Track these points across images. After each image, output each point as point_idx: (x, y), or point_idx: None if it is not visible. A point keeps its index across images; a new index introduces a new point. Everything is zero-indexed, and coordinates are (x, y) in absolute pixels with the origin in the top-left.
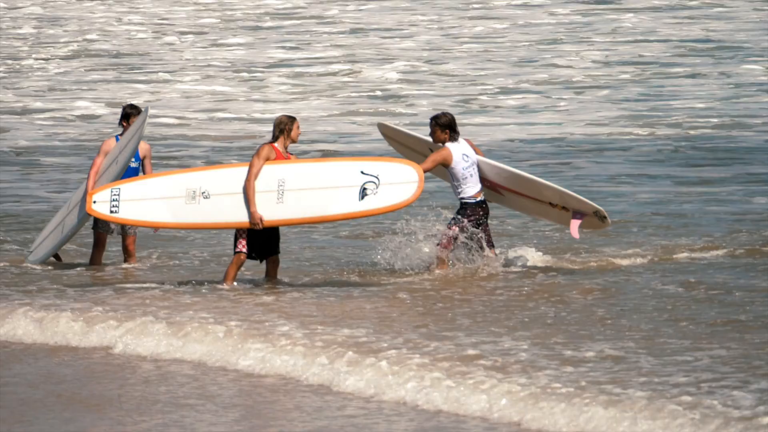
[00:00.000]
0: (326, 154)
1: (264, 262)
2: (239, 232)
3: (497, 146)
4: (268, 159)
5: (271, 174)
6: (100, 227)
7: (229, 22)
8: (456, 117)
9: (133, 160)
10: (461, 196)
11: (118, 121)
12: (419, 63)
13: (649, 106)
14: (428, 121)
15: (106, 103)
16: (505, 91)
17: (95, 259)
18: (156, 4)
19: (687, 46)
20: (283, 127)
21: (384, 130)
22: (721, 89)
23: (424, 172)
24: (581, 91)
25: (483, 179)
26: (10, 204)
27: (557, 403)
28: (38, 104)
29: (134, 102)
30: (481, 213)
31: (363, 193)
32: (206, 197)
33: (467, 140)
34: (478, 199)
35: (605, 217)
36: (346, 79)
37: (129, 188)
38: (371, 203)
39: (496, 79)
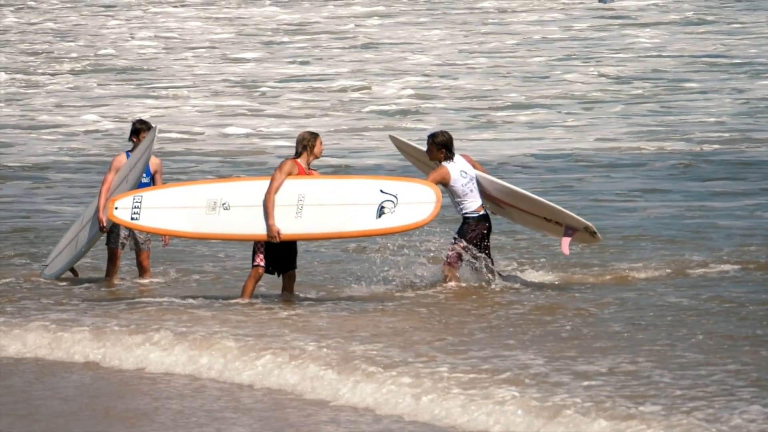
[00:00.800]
0: (337, 170)
1: (280, 276)
2: (257, 246)
3: (509, 161)
4: (290, 174)
5: (291, 188)
6: (113, 243)
7: (242, 36)
8: (468, 132)
9: (144, 175)
10: (464, 211)
11: (128, 137)
12: (432, 78)
13: (661, 121)
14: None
15: (116, 119)
16: (518, 106)
17: (110, 275)
18: (169, 19)
19: (700, 62)
20: (306, 143)
21: (395, 142)
22: (733, 105)
23: None
24: (593, 107)
25: (484, 193)
26: (20, 219)
27: (577, 417)
28: (47, 119)
29: (144, 117)
30: (485, 228)
31: (381, 211)
32: (226, 208)
33: (465, 156)
34: (481, 213)
35: (595, 233)
36: (357, 94)
37: (151, 196)
38: (388, 222)
39: (508, 94)
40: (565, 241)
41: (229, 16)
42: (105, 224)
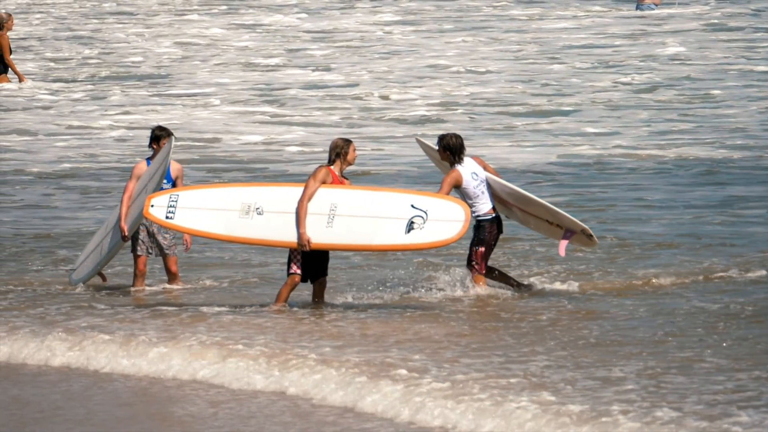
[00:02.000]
0: (358, 179)
1: (309, 282)
2: (293, 254)
3: (531, 168)
4: (324, 182)
5: (324, 197)
6: (138, 250)
7: (265, 43)
8: (489, 139)
9: (165, 181)
10: (476, 214)
11: (148, 144)
12: (452, 85)
13: (683, 128)
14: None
15: (135, 125)
16: (540, 113)
17: (137, 282)
18: (191, 27)
19: (725, 69)
20: (339, 150)
21: (422, 145)
22: (758, 112)
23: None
24: (616, 114)
25: (494, 195)
26: (42, 224)
27: (605, 422)
28: (67, 125)
29: (163, 124)
30: (496, 230)
31: (410, 226)
32: (259, 213)
33: (476, 158)
34: (492, 215)
35: (591, 236)
36: (378, 101)
37: (187, 196)
38: (416, 237)
39: (531, 101)
40: (563, 243)
41: (252, 23)
42: (126, 233)
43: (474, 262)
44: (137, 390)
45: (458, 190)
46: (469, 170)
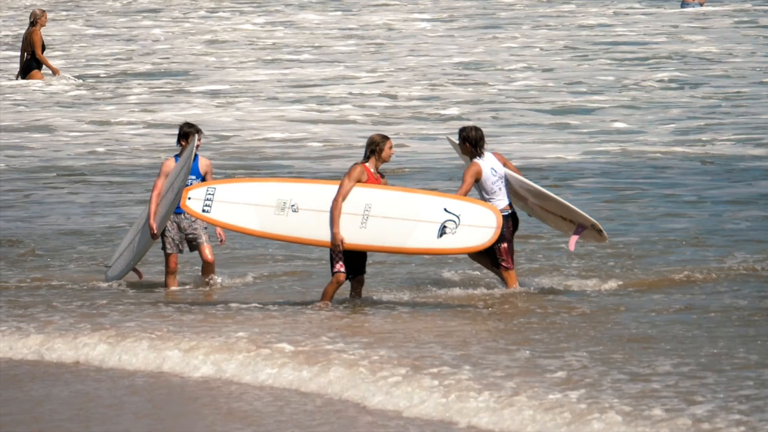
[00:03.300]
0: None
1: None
2: (335, 253)
3: (555, 165)
4: (359, 181)
5: (359, 197)
6: (168, 248)
7: (293, 41)
8: (518, 135)
9: (194, 177)
10: None
11: (176, 140)
12: (477, 83)
13: (709, 125)
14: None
15: (159, 122)
16: (563, 110)
17: (169, 280)
18: (219, 24)
19: (752, 66)
20: (375, 147)
21: (451, 143)
22: None
23: (468, 191)
24: (642, 111)
25: (511, 190)
26: (68, 221)
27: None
28: (90, 121)
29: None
30: (512, 226)
31: (442, 230)
32: (295, 210)
33: (496, 153)
34: (509, 211)
35: (601, 231)
36: (402, 98)
37: (224, 189)
38: (448, 242)
39: (555, 97)
40: (573, 238)
41: (281, 20)
42: (155, 230)
43: (501, 260)
44: (199, 386)
45: (477, 183)
46: (488, 165)
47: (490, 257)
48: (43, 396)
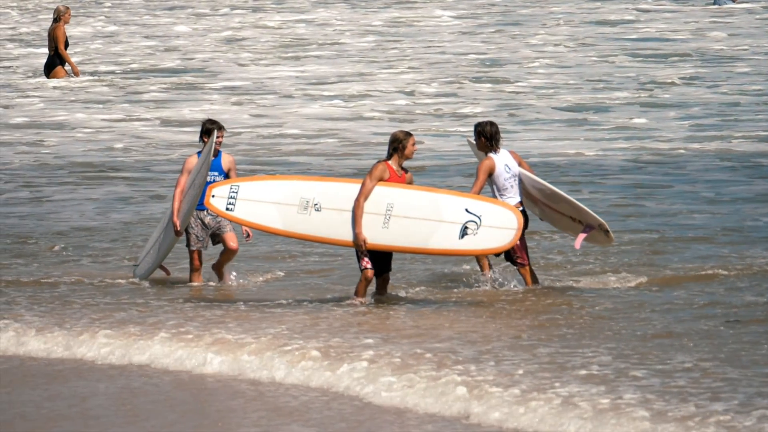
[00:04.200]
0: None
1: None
2: (360, 251)
3: (574, 162)
4: (381, 179)
5: (381, 196)
6: (192, 245)
7: (308, 38)
8: (523, 133)
9: (217, 173)
10: None
11: (198, 137)
12: (492, 81)
13: (724, 121)
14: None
15: (177, 119)
16: (580, 107)
17: (194, 277)
18: (239, 20)
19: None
20: (397, 144)
21: (470, 145)
22: None
23: (480, 189)
24: (658, 108)
25: (524, 190)
26: (89, 219)
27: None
28: (105, 118)
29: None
30: (524, 223)
31: (464, 231)
32: (318, 210)
33: (512, 152)
34: (520, 209)
35: (608, 232)
36: (416, 95)
37: (247, 187)
38: (469, 243)
39: (572, 95)
40: (581, 236)
41: (297, 18)
42: (179, 227)
43: (516, 257)
44: (243, 383)
45: (489, 179)
46: (502, 161)
47: (505, 255)
48: (88, 392)
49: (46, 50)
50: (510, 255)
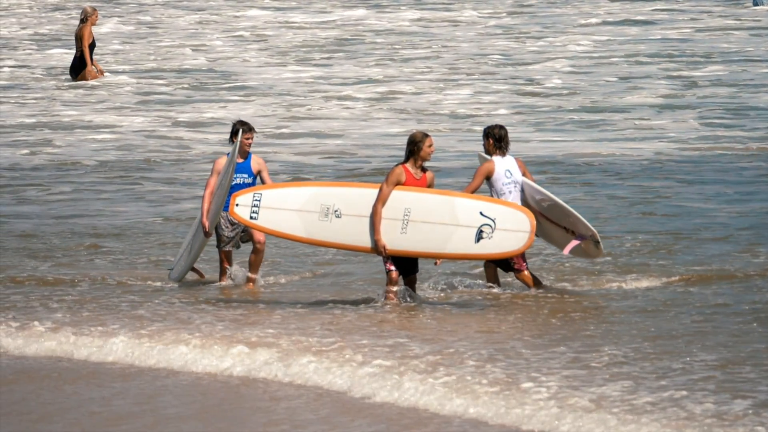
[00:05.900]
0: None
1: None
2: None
3: (591, 161)
4: (398, 183)
5: (399, 201)
6: (222, 245)
7: (323, 39)
8: (541, 133)
9: (246, 175)
10: None
11: (228, 138)
12: (506, 82)
13: (738, 123)
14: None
15: (190, 120)
16: (595, 109)
17: (224, 278)
18: (248, 21)
19: None
20: (413, 146)
21: (480, 159)
22: None
23: (476, 189)
24: (674, 109)
25: (524, 201)
26: (115, 220)
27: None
28: (124, 120)
29: (215, 117)
30: None
31: (479, 235)
32: (338, 216)
33: (517, 159)
34: None
35: (599, 242)
36: (432, 98)
37: (270, 195)
38: (485, 247)
39: (587, 96)
40: (572, 243)
41: (314, 19)
42: (207, 228)
43: (513, 263)
44: (273, 385)
45: (488, 181)
46: (504, 166)
47: (504, 263)
48: (153, 390)
49: (69, 51)
50: (508, 263)
